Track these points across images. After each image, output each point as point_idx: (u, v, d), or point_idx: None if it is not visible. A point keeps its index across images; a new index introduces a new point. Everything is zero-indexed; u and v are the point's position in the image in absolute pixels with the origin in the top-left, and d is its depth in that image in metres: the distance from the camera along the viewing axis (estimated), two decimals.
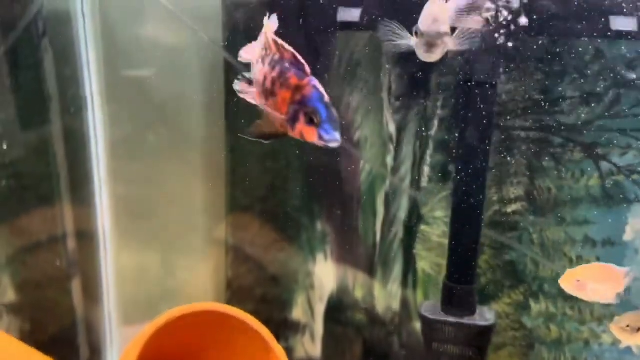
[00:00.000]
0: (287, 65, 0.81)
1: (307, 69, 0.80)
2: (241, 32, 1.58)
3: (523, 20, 1.19)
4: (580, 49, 1.48)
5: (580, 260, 1.68)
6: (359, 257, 1.76)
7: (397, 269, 1.75)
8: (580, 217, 1.63)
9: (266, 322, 1.78)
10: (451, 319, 1.42)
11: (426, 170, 1.68)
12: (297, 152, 1.68)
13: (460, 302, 1.43)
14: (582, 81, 1.51)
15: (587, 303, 1.69)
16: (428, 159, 1.67)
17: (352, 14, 1.27)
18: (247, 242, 1.74)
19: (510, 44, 1.24)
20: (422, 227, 1.71)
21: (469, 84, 1.28)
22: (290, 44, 0.86)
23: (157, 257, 1.78)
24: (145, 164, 1.72)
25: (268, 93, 0.82)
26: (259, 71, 0.84)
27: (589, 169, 1.58)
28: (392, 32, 0.95)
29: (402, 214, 1.72)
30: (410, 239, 1.73)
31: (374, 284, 1.77)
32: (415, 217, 1.72)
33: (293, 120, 0.79)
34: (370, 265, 1.76)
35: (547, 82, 1.52)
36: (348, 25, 1.30)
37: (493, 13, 1.20)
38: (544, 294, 1.71)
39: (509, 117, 1.56)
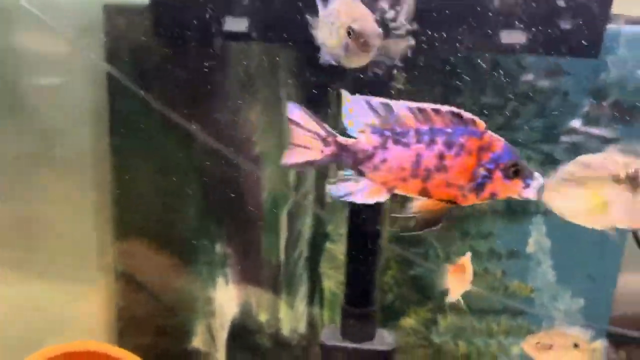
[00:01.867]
0: (449, 130, 0.71)
1: (478, 120, 0.72)
2: (124, 41, 1.46)
3: (413, 34, 1.14)
4: (478, 62, 1.46)
5: (486, 273, 1.66)
6: (263, 279, 1.67)
7: (303, 290, 1.68)
8: (484, 230, 1.62)
9: (164, 354, 1.67)
10: (349, 345, 1.35)
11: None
12: (192, 169, 1.57)
13: (359, 327, 1.36)
14: (480, 94, 1.49)
15: (494, 316, 1.69)
16: (332, 174, 1.60)
17: (239, 24, 1.18)
18: (138, 269, 1.61)
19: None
20: (328, 245, 1.64)
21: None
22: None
23: (38, 287, 1.62)
24: (23, 187, 1.56)
25: (423, 175, 0.72)
26: (393, 156, 0.72)
27: None
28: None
29: (307, 232, 1.65)
30: (315, 257, 1.66)
31: (279, 306, 1.68)
32: (320, 235, 1.64)
33: (482, 183, 0.72)
34: (275, 287, 1.67)
35: (445, 95, 1.49)
36: (236, 36, 1.21)
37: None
38: (451, 309, 1.68)
39: None
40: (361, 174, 0.74)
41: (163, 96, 1.45)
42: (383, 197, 0.74)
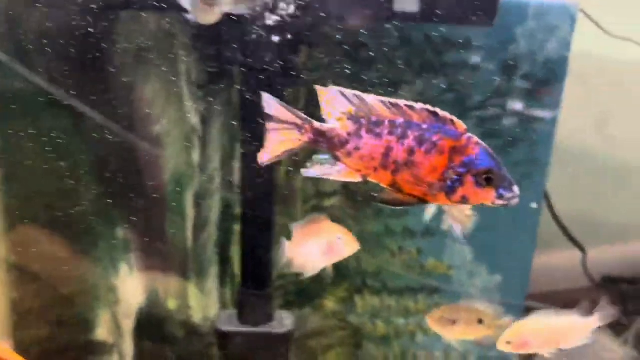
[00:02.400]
0: (424, 126, 0.69)
1: (457, 121, 0.68)
2: (1, 15, 1.34)
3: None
4: (386, 35, 1.40)
5: (402, 251, 1.63)
6: (170, 264, 1.59)
7: (213, 275, 1.60)
8: (399, 208, 1.58)
9: (65, 347, 1.58)
10: (245, 329, 1.29)
11: (237, 165, 1.54)
12: (85, 150, 1.46)
13: (256, 309, 1.31)
14: (390, 68, 1.44)
15: (411, 294, 1.66)
16: (238, 153, 1.53)
17: None
18: (32, 259, 1.50)
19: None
20: (237, 227, 1.57)
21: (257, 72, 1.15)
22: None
23: None
24: None
25: (393, 168, 0.70)
26: (365, 145, 0.71)
27: None
28: None
29: (214, 215, 1.57)
30: (225, 240, 1.59)
31: (189, 292, 1.61)
32: (228, 218, 1.57)
33: (453, 186, 0.70)
34: (183, 273, 1.60)
35: (355, 70, 1.43)
36: (118, 5, 1.11)
37: None
38: (368, 289, 1.65)
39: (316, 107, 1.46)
40: (337, 159, 0.73)
41: (48, 73, 1.35)
42: (357, 179, 0.74)
